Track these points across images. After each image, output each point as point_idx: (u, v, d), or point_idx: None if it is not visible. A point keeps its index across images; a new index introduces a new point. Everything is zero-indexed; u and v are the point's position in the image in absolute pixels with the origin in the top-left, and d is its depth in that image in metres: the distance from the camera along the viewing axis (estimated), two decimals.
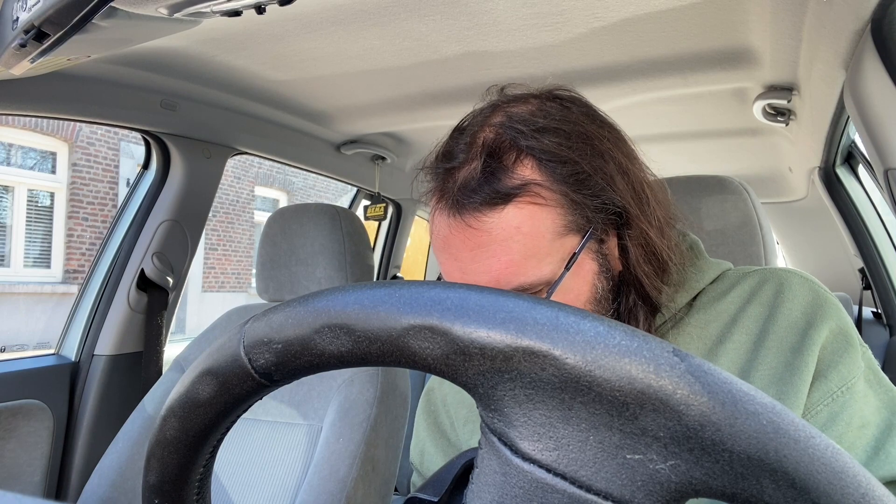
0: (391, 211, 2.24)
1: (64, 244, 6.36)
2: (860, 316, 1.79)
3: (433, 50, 1.13)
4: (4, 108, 1.11)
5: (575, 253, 0.54)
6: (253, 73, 1.27)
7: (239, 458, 1.10)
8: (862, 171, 1.55)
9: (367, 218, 2.08)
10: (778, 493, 0.23)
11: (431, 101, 1.42)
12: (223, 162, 1.54)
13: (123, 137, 6.71)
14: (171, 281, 1.47)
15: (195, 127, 1.43)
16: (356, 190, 2.16)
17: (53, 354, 1.42)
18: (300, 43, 1.11)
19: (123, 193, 5.83)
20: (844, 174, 1.54)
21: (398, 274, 2.37)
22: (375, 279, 1.87)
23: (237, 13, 0.74)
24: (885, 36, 0.71)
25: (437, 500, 0.45)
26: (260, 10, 0.72)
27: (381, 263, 2.32)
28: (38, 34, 0.73)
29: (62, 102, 1.19)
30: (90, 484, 1.12)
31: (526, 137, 0.54)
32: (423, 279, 2.47)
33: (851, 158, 1.53)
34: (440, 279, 0.58)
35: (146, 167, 1.49)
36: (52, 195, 6.39)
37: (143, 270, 1.43)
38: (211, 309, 7.47)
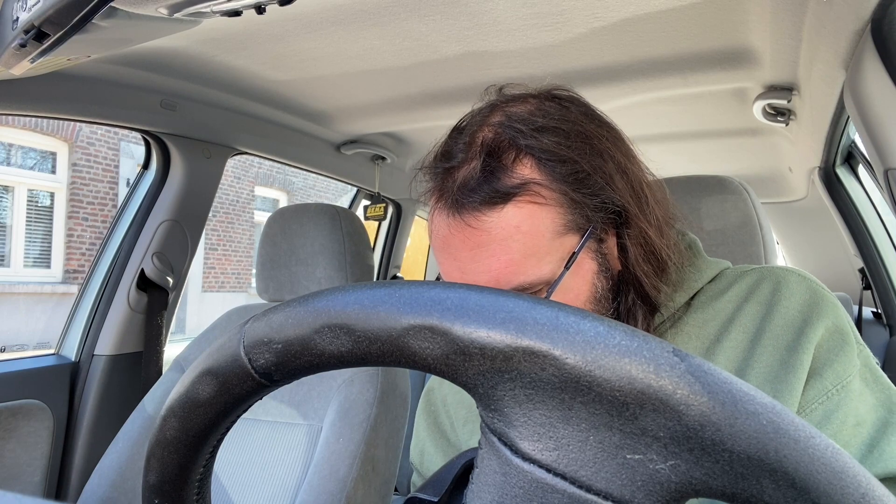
0: (391, 211, 2.24)
1: (64, 244, 6.36)
2: (860, 316, 1.79)
3: (433, 50, 1.13)
4: (4, 108, 1.11)
5: (574, 252, 0.54)
6: (253, 73, 1.27)
7: (239, 458, 1.10)
8: (862, 171, 1.55)
9: (367, 218, 2.08)
10: (778, 493, 0.23)
11: (431, 100, 1.42)
12: (223, 162, 1.54)
13: (123, 137, 6.71)
14: (171, 281, 1.47)
15: (195, 127, 1.43)
16: (356, 190, 2.16)
17: (53, 354, 1.42)
18: (300, 43, 1.11)
19: (123, 193, 5.83)
20: (844, 174, 1.54)
21: (398, 274, 2.37)
22: (375, 279, 1.87)
23: (237, 13, 0.74)
24: (885, 36, 0.71)
25: (437, 500, 0.45)
26: (260, 10, 0.72)
27: (381, 263, 2.31)
28: (38, 34, 0.73)
29: (62, 102, 1.19)
30: (90, 484, 1.12)
31: (525, 137, 0.54)
32: (423, 279, 2.47)
33: (851, 158, 1.53)
34: (439, 279, 0.58)
35: (146, 167, 1.49)
36: (52, 195, 6.39)
37: (143, 270, 1.43)
38: (211, 309, 7.47)
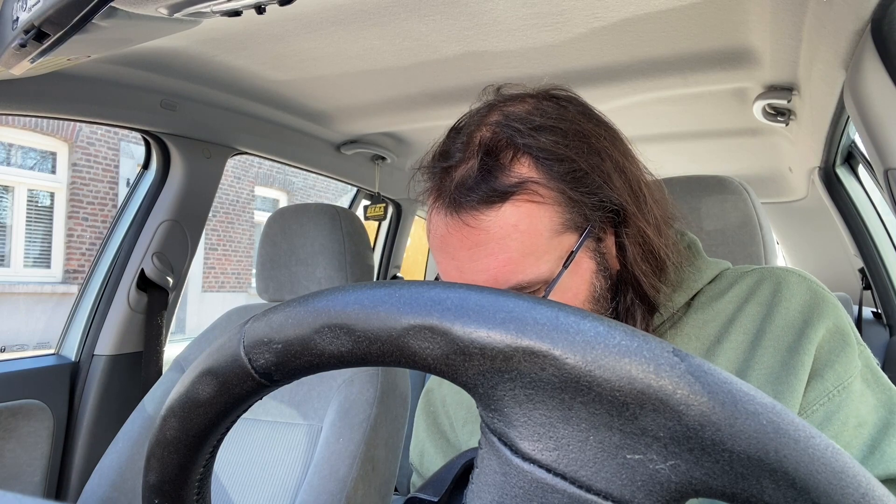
0: (391, 211, 2.24)
1: (64, 244, 6.36)
2: (860, 316, 1.79)
3: (433, 50, 1.13)
4: (4, 108, 1.11)
5: (573, 251, 0.54)
6: (253, 73, 1.27)
7: (239, 458, 1.10)
8: (862, 171, 1.55)
9: (367, 218, 2.08)
10: (778, 493, 0.23)
11: (431, 100, 1.42)
12: (223, 162, 1.54)
13: (123, 137, 6.71)
14: (171, 281, 1.47)
15: (195, 127, 1.43)
16: (356, 190, 2.16)
17: (53, 354, 1.42)
18: (300, 43, 1.11)
19: (123, 193, 5.82)
20: (844, 174, 1.54)
21: (398, 274, 2.37)
22: (375, 279, 1.87)
23: (237, 13, 0.74)
24: (885, 36, 0.71)
25: (437, 500, 0.45)
26: (260, 10, 0.72)
27: (381, 263, 2.31)
28: (38, 34, 0.72)
29: (62, 102, 1.19)
30: (90, 484, 1.12)
31: (523, 136, 0.54)
32: (423, 279, 2.47)
33: (851, 158, 1.53)
34: (438, 279, 0.58)
35: (146, 167, 1.49)
36: (52, 195, 6.39)
37: (143, 270, 1.43)
38: (211, 309, 7.47)
